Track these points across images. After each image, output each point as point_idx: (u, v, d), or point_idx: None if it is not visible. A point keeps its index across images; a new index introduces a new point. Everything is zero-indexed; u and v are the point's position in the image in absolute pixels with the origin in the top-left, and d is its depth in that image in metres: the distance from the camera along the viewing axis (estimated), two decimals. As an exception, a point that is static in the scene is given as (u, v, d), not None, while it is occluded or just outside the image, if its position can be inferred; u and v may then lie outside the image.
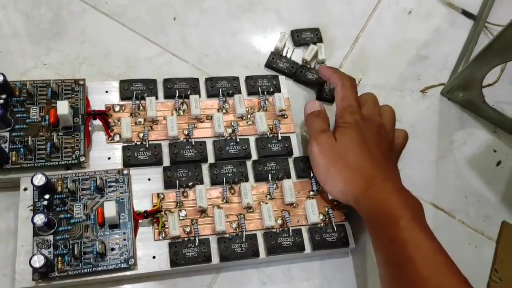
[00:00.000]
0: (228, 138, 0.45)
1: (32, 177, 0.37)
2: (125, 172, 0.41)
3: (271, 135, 0.46)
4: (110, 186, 0.40)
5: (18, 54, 0.47)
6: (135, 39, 0.50)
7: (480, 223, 0.49)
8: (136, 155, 0.42)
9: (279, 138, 0.46)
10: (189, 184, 0.42)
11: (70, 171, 0.40)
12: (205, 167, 0.44)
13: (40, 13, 0.49)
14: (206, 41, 0.52)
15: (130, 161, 0.42)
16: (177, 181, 0.42)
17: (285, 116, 0.47)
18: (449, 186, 0.50)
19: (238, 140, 0.45)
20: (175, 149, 0.43)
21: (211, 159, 0.44)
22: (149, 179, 0.42)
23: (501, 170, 0.52)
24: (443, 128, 0.53)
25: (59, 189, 0.39)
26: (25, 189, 0.39)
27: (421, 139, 0.52)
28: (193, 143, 0.44)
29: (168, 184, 0.42)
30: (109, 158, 0.42)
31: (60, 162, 0.40)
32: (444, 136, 0.53)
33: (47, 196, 0.38)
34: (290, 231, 0.42)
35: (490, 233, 0.49)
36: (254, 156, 0.45)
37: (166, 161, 0.43)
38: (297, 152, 0.46)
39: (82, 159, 0.41)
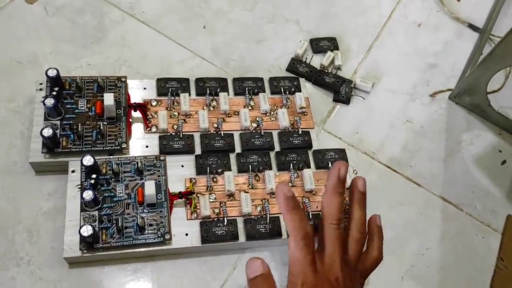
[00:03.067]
0: (254, 131, 0.50)
1: (82, 158, 0.42)
2: (162, 158, 0.45)
3: (292, 130, 0.50)
4: (148, 170, 0.45)
5: (65, 55, 0.52)
6: (168, 44, 0.56)
7: (487, 216, 0.52)
8: (171, 144, 0.47)
9: (300, 132, 0.50)
10: (219, 170, 0.46)
11: (112, 156, 0.45)
12: (232, 156, 0.48)
13: (85, 20, 0.55)
14: (232, 47, 0.57)
15: (166, 149, 0.47)
16: (208, 168, 0.46)
17: (305, 114, 0.52)
18: (457, 182, 0.54)
19: (262, 133, 0.49)
20: (206, 140, 0.48)
21: (238, 149, 0.49)
22: (182, 166, 0.47)
23: (506, 169, 0.56)
24: (451, 130, 0.57)
25: (104, 171, 0.44)
26: (73, 171, 0.44)
27: (430, 138, 0.56)
28: (222, 135, 0.48)
29: (200, 170, 0.46)
30: (146, 146, 0.47)
31: (104, 148, 0.45)
32: (452, 137, 0.57)
33: (94, 176, 0.42)
34: (310, 215, 0.46)
35: (496, 225, 0.52)
36: (277, 148, 0.49)
37: (198, 150, 0.48)
38: (316, 145, 0.50)
39: (124, 145, 0.45)
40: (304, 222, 0.39)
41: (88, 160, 0.42)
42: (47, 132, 0.42)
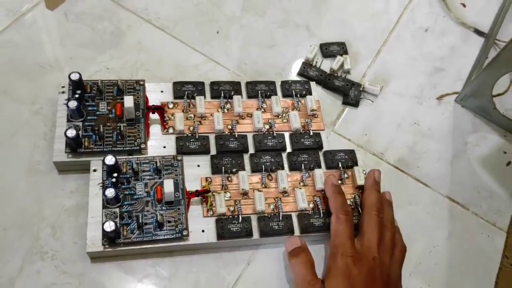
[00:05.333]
0: (266, 133, 0.51)
1: (104, 158, 0.44)
2: (179, 158, 0.47)
3: (303, 131, 0.52)
4: (166, 169, 0.47)
5: (85, 60, 0.55)
6: (183, 49, 0.58)
7: (492, 216, 0.54)
8: (188, 145, 0.49)
9: (311, 134, 0.52)
10: (233, 170, 0.48)
11: (132, 156, 0.47)
12: (246, 157, 0.50)
13: (103, 26, 0.57)
14: (245, 52, 0.59)
15: (182, 149, 0.49)
16: (223, 168, 0.48)
17: (316, 116, 0.54)
18: (463, 182, 0.55)
19: (275, 134, 0.51)
20: (221, 141, 0.50)
21: (251, 150, 0.50)
22: (198, 166, 0.48)
23: (511, 170, 0.57)
24: (457, 131, 0.59)
25: (124, 170, 0.46)
26: (95, 170, 0.46)
27: (437, 140, 0.58)
28: (236, 136, 0.50)
29: (215, 170, 0.48)
30: (164, 147, 0.49)
31: (124, 148, 0.47)
32: (459, 138, 0.58)
33: (115, 174, 0.44)
34: (321, 213, 0.48)
35: (501, 224, 0.53)
36: (289, 149, 0.51)
37: (213, 151, 0.50)
38: (326, 146, 0.52)
39: (143, 146, 0.47)
40: (346, 204, 0.46)
41: (110, 159, 0.44)
42: (71, 132, 0.44)
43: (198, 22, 0.60)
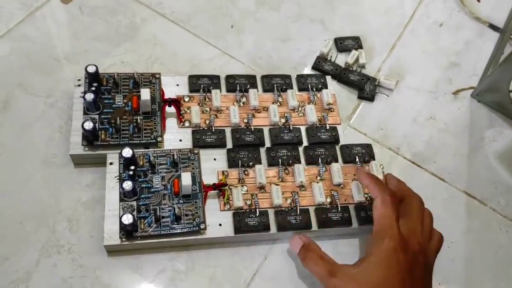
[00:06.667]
0: (282, 126, 0.51)
1: (121, 150, 0.44)
2: (196, 151, 0.47)
3: (319, 125, 0.52)
4: (183, 162, 0.46)
5: (100, 53, 0.54)
6: (198, 42, 0.58)
7: (510, 211, 0.53)
8: (204, 138, 0.48)
9: (327, 128, 0.52)
10: (250, 164, 0.48)
11: (149, 149, 0.47)
12: (262, 151, 0.49)
13: (118, 19, 0.57)
14: (259, 46, 0.59)
15: (199, 143, 0.48)
16: (239, 161, 0.48)
17: (332, 110, 0.53)
18: (480, 177, 0.55)
19: (291, 128, 0.51)
20: (237, 134, 0.49)
21: (268, 143, 0.50)
22: (214, 159, 0.48)
23: (529, 165, 0.57)
24: (474, 126, 0.58)
25: (141, 163, 0.45)
26: (111, 163, 0.46)
27: (454, 135, 0.57)
28: (252, 129, 0.50)
29: (232, 163, 0.48)
30: (180, 140, 0.49)
31: (140, 141, 0.47)
32: (475, 133, 0.58)
33: (132, 167, 0.44)
34: (339, 207, 0.47)
35: (520, 220, 0.53)
36: (305, 143, 0.51)
37: (229, 144, 0.49)
38: (343, 141, 0.52)
39: (159, 139, 0.47)
40: (387, 187, 0.44)
41: (127, 152, 0.44)
42: (88, 125, 0.44)
43: (212, 16, 0.60)
